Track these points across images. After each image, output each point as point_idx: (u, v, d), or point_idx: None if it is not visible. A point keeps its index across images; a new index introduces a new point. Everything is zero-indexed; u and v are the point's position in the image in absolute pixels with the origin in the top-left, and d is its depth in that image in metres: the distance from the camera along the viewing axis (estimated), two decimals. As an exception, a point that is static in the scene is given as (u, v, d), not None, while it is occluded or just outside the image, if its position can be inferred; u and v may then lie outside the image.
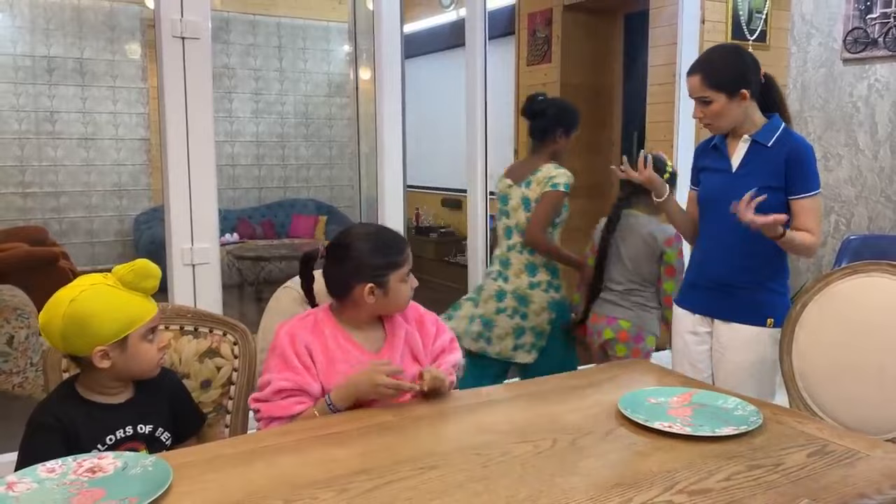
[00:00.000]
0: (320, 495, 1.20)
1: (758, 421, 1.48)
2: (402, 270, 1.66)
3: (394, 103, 3.48)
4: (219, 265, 3.04)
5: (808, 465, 1.32)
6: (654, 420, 1.48)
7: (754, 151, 2.09)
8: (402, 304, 1.70)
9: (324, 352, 1.63)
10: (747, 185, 2.02)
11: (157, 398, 1.55)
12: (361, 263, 1.63)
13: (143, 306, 1.49)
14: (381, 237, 1.69)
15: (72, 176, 6.79)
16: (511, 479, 1.25)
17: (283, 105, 7.77)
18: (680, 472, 1.28)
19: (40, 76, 6.59)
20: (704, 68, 2.05)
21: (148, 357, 1.50)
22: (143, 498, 1.17)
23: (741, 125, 2.11)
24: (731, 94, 2.03)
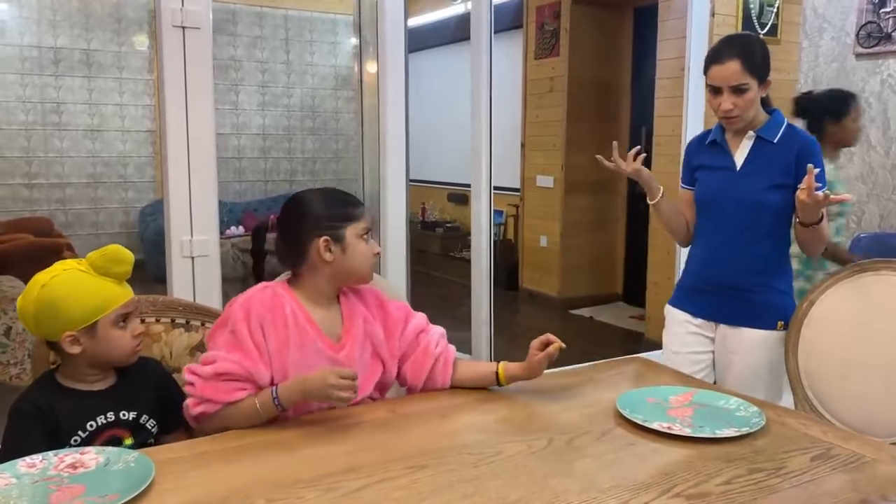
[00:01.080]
0: (306, 494, 1.16)
1: (760, 422, 1.44)
2: (360, 224, 1.55)
3: (397, 97, 3.44)
4: (218, 258, 3.01)
5: (812, 468, 1.27)
6: (652, 420, 1.44)
7: (759, 148, 1.98)
8: (365, 268, 1.57)
9: (279, 330, 1.49)
10: (753, 184, 1.95)
11: (140, 385, 1.51)
12: (315, 215, 1.53)
13: (113, 292, 1.45)
14: (332, 192, 1.61)
15: (78, 167, 6.78)
16: (503, 480, 1.22)
17: (290, 98, 7.73)
18: (678, 474, 1.24)
19: (47, 67, 6.57)
20: (744, 52, 1.90)
21: (120, 344, 1.46)
22: (123, 495, 1.14)
23: (751, 122, 1.99)
24: (762, 82, 1.93)
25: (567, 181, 5.68)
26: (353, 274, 1.58)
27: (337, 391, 1.38)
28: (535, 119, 5.96)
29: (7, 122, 6.45)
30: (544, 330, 1.65)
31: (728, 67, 1.90)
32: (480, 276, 3.83)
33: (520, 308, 5.98)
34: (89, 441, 1.40)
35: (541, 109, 5.88)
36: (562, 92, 5.64)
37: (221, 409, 1.44)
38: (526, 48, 6.01)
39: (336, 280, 1.57)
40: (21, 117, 6.50)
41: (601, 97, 5.75)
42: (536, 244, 6.03)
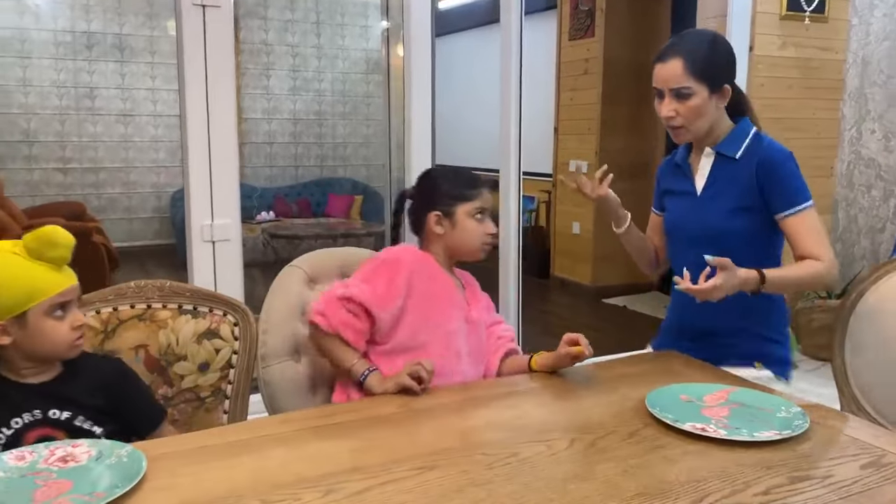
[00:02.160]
0: (304, 496, 1.08)
1: (804, 425, 1.31)
2: (472, 204, 1.63)
3: (423, 81, 3.35)
4: (240, 242, 2.95)
5: (861, 478, 1.15)
6: (684, 421, 1.33)
7: (720, 167, 1.74)
8: (473, 245, 1.65)
9: (428, 282, 1.61)
10: (715, 209, 1.72)
11: (84, 384, 1.36)
12: (432, 191, 1.66)
13: (48, 279, 1.30)
14: (456, 171, 1.71)
15: (111, 152, 6.82)
16: (518, 485, 1.12)
17: (321, 82, 7.68)
18: (711, 482, 1.13)
19: (80, 52, 6.61)
20: (686, 51, 1.66)
21: (55, 336, 1.31)
22: (110, 492, 1.06)
23: (710, 135, 1.75)
24: (713, 89, 1.67)
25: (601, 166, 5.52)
26: (462, 250, 1.66)
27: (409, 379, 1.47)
28: (568, 102, 5.81)
29: (42, 107, 6.51)
30: (576, 319, 1.57)
31: (669, 67, 1.67)
32: (508, 263, 3.73)
33: (551, 297, 5.86)
34: (16, 440, 1.27)
35: (575, 92, 5.73)
36: (597, 74, 5.48)
37: (330, 335, 1.54)
38: (560, 29, 5.85)
39: (448, 253, 1.67)
40: (55, 102, 6.56)
41: (638, 79, 5.57)
42: (569, 231, 5.90)
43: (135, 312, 1.63)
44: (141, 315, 1.63)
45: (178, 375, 1.64)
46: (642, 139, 5.62)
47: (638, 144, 5.62)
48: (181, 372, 1.64)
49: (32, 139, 6.49)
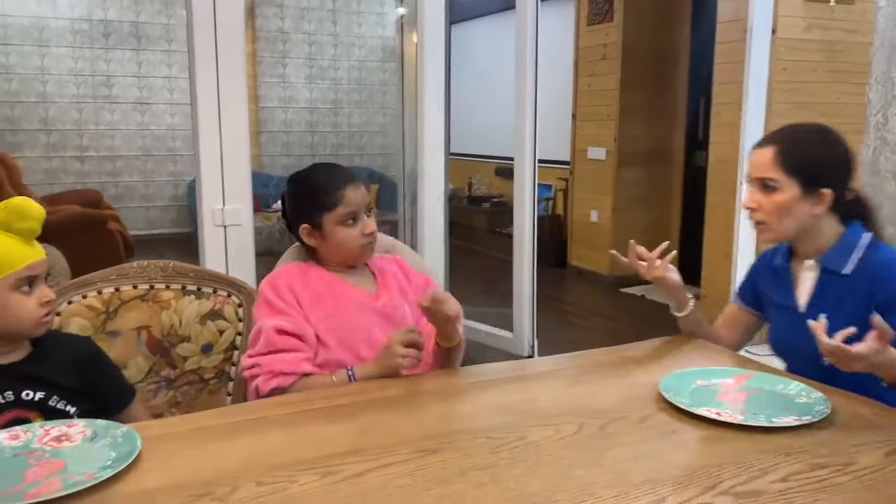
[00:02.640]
0: (300, 478, 1.04)
1: (825, 410, 1.25)
2: (336, 212, 1.50)
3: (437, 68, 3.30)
4: (252, 227, 2.93)
5: (886, 466, 1.09)
6: (699, 406, 1.27)
7: (826, 283, 1.52)
8: (351, 252, 1.54)
9: (310, 290, 1.50)
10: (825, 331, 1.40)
11: (52, 363, 1.33)
12: (296, 202, 1.56)
13: (15, 251, 1.26)
14: (317, 175, 1.56)
15: (128, 140, 6.84)
16: (523, 469, 1.07)
17: (337, 71, 7.64)
18: (726, 468, 1.08)
19: (97, 40, 6.62)
20: (783, 142, 1.50)
21: (22, 311, 1.27)
22: (101, 473, 1.03)
23: (805, 242, 1.54)
24: (807, 189, 1.47)
25: (620, 153, 5.45)
26: (343, 256, 1.56)
27: (400, 357, 1.39)
28: (586, 88, 5.72)
29: (60, 95, 6.54)
30: (592, 309, 1.51)
31: (761, 154, 1.51)
32: (523, 251, 3.68)
33: (568, 286, 5.79)
34: None
35: (593, 78, 5.64)
36: (615, 59, 5.39)
37: (296, 381, 1.41)
38: (578, 14, 5.76)
39: (334, 258, 1.56)
40: (73, 90, 6.58)
41: (657, 64, 5.48)
42: (587, 219, 5.82)
43: (137, 293, 1.61)
44: (143, 295, 1.61)
45: (180, 357, 1.61)
46: (662, 125, 5.52)
47: (657, 131, 5.52)
48: (184, 353, 1.61)
49: (50, 127, 6.52)
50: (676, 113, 5.52)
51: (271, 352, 1.41)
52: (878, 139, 4.11)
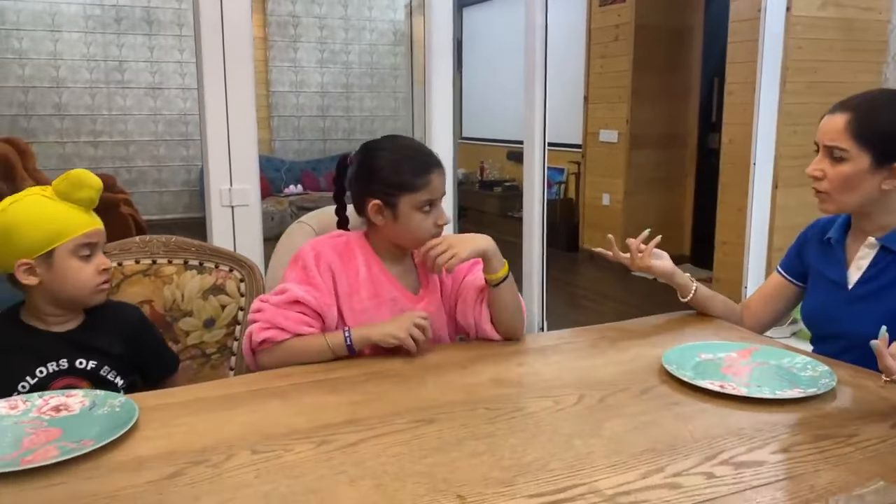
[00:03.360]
0: (295, 447, 1.04)
1: (831, 383, 1.23)
2: (418, 196, 1.42)
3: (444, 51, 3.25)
4: (259, 207, 2.91)
5: (890, 437, 1.07)
6: (702, 378, 1.26)
7: (884, 263, 1.43)
8: (419, 240, 1.45)
9: (350, 279, 1.44)
10: (868, 313, 1.41)
11: (106, 331, 1.36)
12: (373, 174, 1.44)
13: (75, 219, 1.31)
14: (404, 152, 1.46)
15: (140, 125, 6.86)
16: (520, 439, 1.06)
17: (348, 55, 7.62)
18: (727, 439, 1.06)
19: (109, 25, 6.63)
20: (858, 110, 1.39)
21: (81, 277, 1.31)
22: (98, 440, 1.03)
23: (869, 217, 1.45)
24: (878, 161, 1.37)
25: (632, 135, 5.40)
26: (407, 242, 1.49)
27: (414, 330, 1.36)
28: (598, 70, 5.67)
29: (73, 80, 6.56)
30: (603, 292, 1.48)
31: (832, 120, 1.40)
32: (532, 235, 3.65)
33: (579, 269, 5.76)
34: (40, 389, 1.26)
35: (605, 59, 5.58)
36: (628, 40, 5.33)
37: (289, 339, 1.37)
38: (590, -5, 5.70)
39: (395, 242, 1.49)
40: (85, 75, 6.61)
41: (670, 45, 5.41)
42: (598, 203, 5.78)
43: (140, 268, 1.60)
44: (146, 270, 1.61)
45: (183, 332, 1.61)
46: (674, 107, 5.46)
47: (670, 113, 5.46)
48: (186, 328, 1.61)
49: (64, 112, 6.55)
50: (689, 94, 5.45)
51: (281, 305, 1.39)
52: (895, 119, 4.04)
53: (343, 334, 1.38)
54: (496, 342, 1.50)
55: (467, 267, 1.55)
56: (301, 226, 1.72)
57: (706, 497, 0.91)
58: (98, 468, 0.98)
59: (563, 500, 0.89)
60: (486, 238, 1.45)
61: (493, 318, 1.49)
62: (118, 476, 0.96)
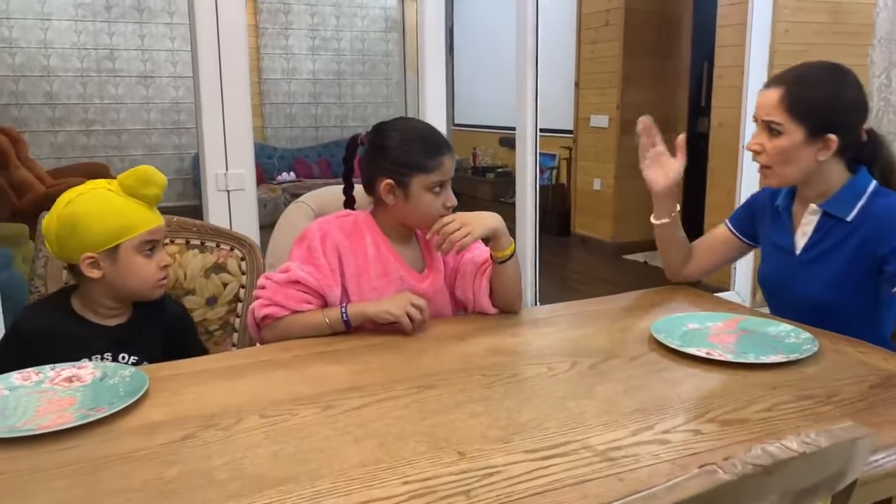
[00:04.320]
0: (301, 411, 1.08)
1: (812, 349, 1.29)
2: (429, 177, 1.45)
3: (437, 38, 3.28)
4: (254, 192, 2.96)
5: (868, 397, 1.12)
6: (690, 346, 1.31)
7: (827, 228, 1.49)
8: (428, 220, 1.48)
9: (359, 259, 1.47)
10: (816, 277, 1.48)
11: (152, 329, 1.41)
12: (385, 154, 1.46)
13: (140, 215, 1.35)
14: (417, 133, 1.49)
15: (132, 114, 6.86)
16: (515, 401, 1.11)
17: (340, 42, 7.62)
18: (714, 400, 1.11)
19: (99, 13, 6.61)
20: (791, 84, 1.43)
21: (144, 273, 1.36)
22: (110, 408, 1.08)
23: (809, 186, 1.50)
24: (812, 134, 1.42)
25: (623, 120, 5.44)
26: (415, 222, 1.52)
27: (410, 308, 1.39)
28: (589, 55, 5.70)
29: (63, 69, 6.55)
30: (596, 275, 1.52)
31: (767, 95, 1.45)
32: (525, 220, 3.70)
33: (571, 253, 5.82)
34: None
35: (596, 45, 5.62)
36: (618, 25, 5.37)
37: (288, 315, 1.41)
38: (581, -20, 5.72)
39: (403, 222, 1.52)
40: (76, 64, 6.59)
41: (660, 30, 5.45)
42: (590, 187, 5.83)
43: (142, 247, 1.64)
44: (149, 250, 1.64)
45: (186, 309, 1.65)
46: (665, 92, 5.50)
47: (660, 97, 5.50)
48: (189, 306, 1.65)
49: (55, 101, 6.54)
50: (679, 79, 5.50)
51: (282, 283, 1.42)
52: (881, 101, 4.10)
53: (340, 309, 1.42)
54: (492, 316, 1.55)
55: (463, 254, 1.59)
56: (299, 206, 1.76)
57: (693, 451, 0.96)
58: (111, 432, 1.03)
59: (558, 454, 0.94)
60: (496, 216, 1.50)
61: (494, 294, 1.54)
62: (132, 439, 1.00)
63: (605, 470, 0.90)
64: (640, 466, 0.91)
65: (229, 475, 0.90)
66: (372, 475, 0.89)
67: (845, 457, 0.64)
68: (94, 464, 0.94)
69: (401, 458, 0.94)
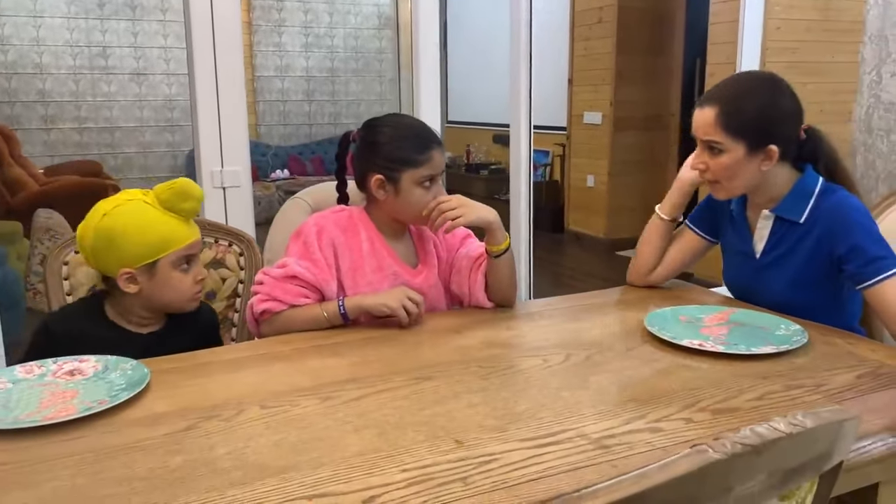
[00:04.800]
0: (301, 402, 1.10)
1: (802, 340, 1.31)
2: (419, 171, 1.46)
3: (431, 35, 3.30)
4: (250, 189, 2.96)
5: (856, 386, 1.15)
6: (683, 338, 1.33)
7: (781, 232, 1.52)
8: (417, 214, 1.50)
9: (354, 253, 1.49)
10: (777, 280, 1.52)
11: (185, 337, 1.40)
12: (376, 150, 1.48)
13: (178, 230, 1.34)
14: (407, 129, 1.51)
15: (125, 111, 6.84)
16: (511, 392, 1.14)
17: (333, 39, 7.61)
18: (706, 390, 1.14)
19: (92, 10, 6.59)
20: (724, 102, 1.43)
21: (181, 288, 1.35)
22: (113, 400, 1.09)
23: (757, 193, 1.53)
24: (752, 148, 1.43)
25: (616, 117, 5.47)
26: (407, 217, 1.54)
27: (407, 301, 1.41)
28: (582, 52, 5.73)
29: (56, 67, 6.53)
30: (588, 271, 1.54)
31: (702, 115, 1.46)
32: (519, 215, 3.72)
33: (565, 250, 5.85)
34: None
35: (589, 42, 5.64)
36: (611, 22, 5.39)
37: (286, 310, 1.43)
38: (574, -23, 5.75)
39: (395, 217, 1.54)
40: (69, 61, 6.57)
41: (653, 27, 5.48)
42: (583, 184, 5.86)
43: (141, 243, 1.65)
44: (147, 245, 1.65)
45: (184, 304, 1.66)
46: (657, 89, 5.54)
47: (653, 94, 5.54)
48: (188, 301, 1.66)
49: (48, 99, 6.52)
50: (672, 76, 5.53)
51: (280, 278, 1.44)
52: (871, 97, 4.13)
53: (337, 303, 1.44)
54: (487, 310, 1.57)
55: (459, 240, 1.63)
56: (296, 201, 1.78)
57: (685, 438, 0.98)
58: (115, 423, 1.04)
59: (553, 442, 0.96)
60: (492, 210, 1.52)
61: (489, 288, 1.56)
62: (136, 430, 1.02)
63: (599, 457, 0.93)
64: (633, 454, 0.94)
65: (232, 464, 0.92)
66: (371, 463, 0.91)
67: (831, 438, 0.67)
68: (98, 454, 0.96)
69: (399, 446, 0.96)
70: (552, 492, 0.84)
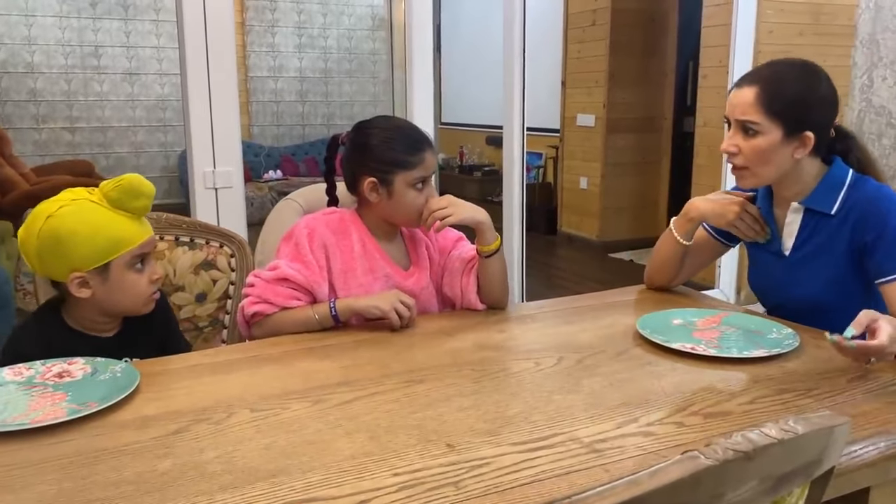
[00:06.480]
0: (292, 405, 1.10)
1: (794, 344, 1.31)
2: (412, 173, 1.46)
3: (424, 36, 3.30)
4: (242, 189, 2.96)
5: (847, 390, 1.15)
6: (675, 341, 1.33)
7: (813, 225, 1.48)
8: (410, 217, 1.50)
9: (345, 255, 1.49)
10: (810, 278, 1.47)
11: (146, 331, 1.37)
12: (367, 152, 1.48)
13: (129, 229, 1.28)
14: (398, 130, 1.50)
15: (118, 111, 6.81)
16: (504, 395, 1.13)
17: (327, 39, 7.60)
18: (697, 393, 1.14)
19: (84, 10, 6.56)
20: (765, 82, 1.40)
21: (136, 290, 1.30)
22: (102, 402, 1.09)
23: (785, 185, 1.49)
24: (789, 133, 1.39)
25: (609, 119, 5.48)
26: (400, 219, 1.54)
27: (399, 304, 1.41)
28: (576, 55, 5.73)
29: (48, 66, 6.49)
30: (582, 273, 1.54)
31: (741, 94, 1.42)
32: (512, 218, 3.72)
33: (558, 252, 5.86)
34: None
35: (582, 44, 5.65)
36: (605, 25, 5.40)
37: (277, 312, 1.43)
38: (567, -20, 5.75)
39: (388, 219, 1.54)
40: (61, 61, 6.54)
41: (646, 29, 5.49)
42: (576, 186, 5.87)
43: (132, 244, 1.64)
44: (138, 246, 1.64)
45: (176, 306, 1.65)
46: (650, 91, 5.55)
47: (646, 97, 5.55)
48: (179, 302, 1.66)
49: (39, 98, 6.49)
50: (665, 79, 5.54)
51: (271, 281, 1.43)
52: (863, 101, 4.16)
53: (328, 305, 1.43)
54: (479, 312, 1.57)
55: (451, 243, 1.62)
56: (289, 203, 1.77)
57: (677, 442, 0.98)
58: (105, 426, 1.04)
59: (546, 446, 0.96)
60: (482, 210, 1.52)
61: (480, 289, 1.56)
62: (125, 433, 1.01)
63: (591, 461, 0.92)
64: (625, 458, 0.93)
65: (222, 468, 0.91)
66: (363, 467, 0.91)
67: (822, 444, 0.66)
68: (87, 457, 0.95)
69: (391, 450, 0.96)
70: (544, 496, 0.84)
